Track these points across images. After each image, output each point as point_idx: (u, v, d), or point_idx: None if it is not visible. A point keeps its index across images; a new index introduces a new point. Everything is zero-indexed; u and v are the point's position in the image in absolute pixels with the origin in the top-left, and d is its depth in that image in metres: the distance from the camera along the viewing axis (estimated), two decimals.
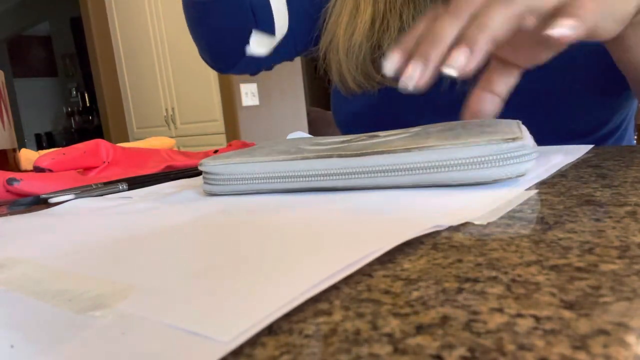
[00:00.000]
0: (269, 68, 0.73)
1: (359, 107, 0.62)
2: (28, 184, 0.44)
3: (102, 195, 0.41)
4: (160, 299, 0.16)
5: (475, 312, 0.13)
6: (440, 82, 0.54)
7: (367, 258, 0.18)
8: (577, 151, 0.39)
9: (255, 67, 0.71)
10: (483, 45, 0.31)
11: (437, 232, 0.21)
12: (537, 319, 0.13)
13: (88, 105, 5.83)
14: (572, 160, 0.36)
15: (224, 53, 0.67)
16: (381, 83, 0.58)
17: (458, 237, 0.20)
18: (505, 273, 0.16)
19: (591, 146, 0.41)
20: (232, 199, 0.33)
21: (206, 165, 0.35)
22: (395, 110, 0.59)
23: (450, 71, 0.31)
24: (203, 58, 0.71)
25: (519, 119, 0.42)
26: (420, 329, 0.13)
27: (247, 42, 0.66)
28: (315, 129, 2.93)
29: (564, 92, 0.51)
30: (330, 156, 0.31)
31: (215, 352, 0.12)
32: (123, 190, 0.43)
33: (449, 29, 0.32)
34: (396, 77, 0.57)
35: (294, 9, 0.66)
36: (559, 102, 0.51)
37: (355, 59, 0.58)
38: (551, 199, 0.25)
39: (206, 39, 0.66)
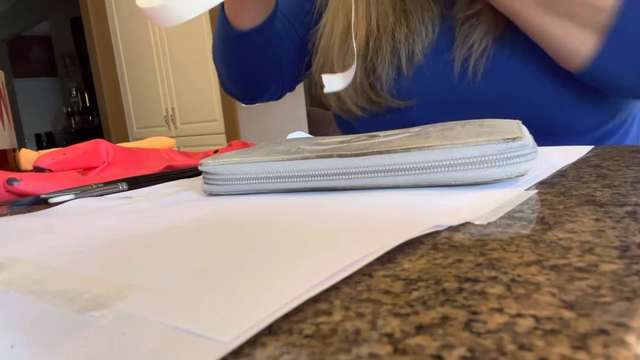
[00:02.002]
0: (292, 89, 0.73)
1: (368, 129, 0.61)
2: (28, 184, 0.44)
3: (102, 195, 0.41)
4: (160, 299, 0.16)
5: (475, 312, 0.13)
6: (445, 81, 0.54)
7: (367, 258, 0.18)
8: (577, 151, 0.39)
9: (280, 93, 0.72)
10: None
11: (437, 232, 0.21)
12: (537, 319, 0.13)
13: (88, 105, 5.83)
14: (572, 160, 0.36)
15: (255, 85, 0.68)
16: (387, 105, 0.57)
17: (458, 237, 0.20)
18: (505, 273, 0.16)
19: (591, 146, 0.41)
20: (232, 199, 0.33)
21: (206, 165, 0.35)
22: (402, 116, 0.58)
23: None
24: (230, 92, 0.71)
25: (520, 117, 0.42)
26: (420, 329, 0.13)
27: (277, 72, 0.66)
28: (315, 129, 2.92)
29: (564, 89, 0.51)
30: (330, 156, 0.31)
31: (215, 352, 0.12)
32: (123, 190, 0.43)
33: None
34: (403, 96, 0.55)
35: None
36: (560, 99, 0.51)
37: (353, 83, 0.57)
38: (551, 199, 0.25)
39: (238, 74, 0.66)
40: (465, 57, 0.52)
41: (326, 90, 0.45)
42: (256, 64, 0.64)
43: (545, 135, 0.51)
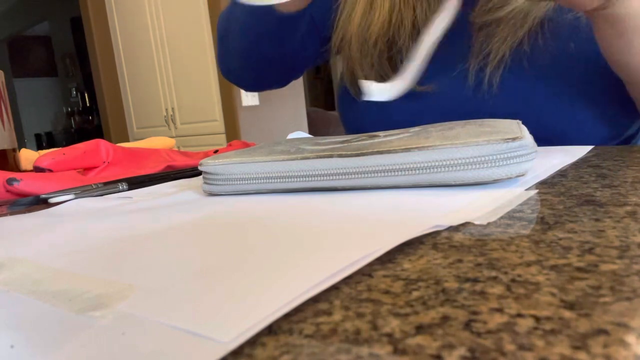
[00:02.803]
0: (298, 77, 0.72)
1: (371, 114, 0.60)
2: (28, 184, 0.44)
3: (102, 195, 0.41)
4: (160, 299, 0.16)
5: (475, 312, 0.13)
6: (459, 91, 0.53)
7: (367, 258, 0.18)
8: (577, 151, 0.39)
9: (286, 80, 0.70)
10: None
11: (437, 232, 0.21)
12: (537, 319, 0.13)
13: (88, 105, 5.83)
14: (572, 160, 0.36)
15: (267, 76, 0.66)
16: None
17: (458, 237, 0.20)
18: (505, 273, 0.16)
19: (591, 146, 0.41)
20: (232, 199, 0.33)
21: (206, 165, 0.35)
22: (410, 118, 0.57)
23: None
24: (235, 77, 0.69)
25: (533, 131, 0.41)
26: (420, 329, 0.13)
27: (292, 59, 0.65)
28: (315, 129, 2.93)
29: (581, 104, 0.50)
30: (330, 156, 0.31)
31: (215, 352, 0.12)
32: (123, 190, 0.43)
33: None
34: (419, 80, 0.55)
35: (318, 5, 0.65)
36: (576, 113, 0.50)
37: (370, 57, 0.56)
38: (551, 199, 0.25)
39: (255, 56, 0.64)
40: (481, 67, 0.51)
41: (376, 98, 0.43)
42: (280, 48, 0.62)
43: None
